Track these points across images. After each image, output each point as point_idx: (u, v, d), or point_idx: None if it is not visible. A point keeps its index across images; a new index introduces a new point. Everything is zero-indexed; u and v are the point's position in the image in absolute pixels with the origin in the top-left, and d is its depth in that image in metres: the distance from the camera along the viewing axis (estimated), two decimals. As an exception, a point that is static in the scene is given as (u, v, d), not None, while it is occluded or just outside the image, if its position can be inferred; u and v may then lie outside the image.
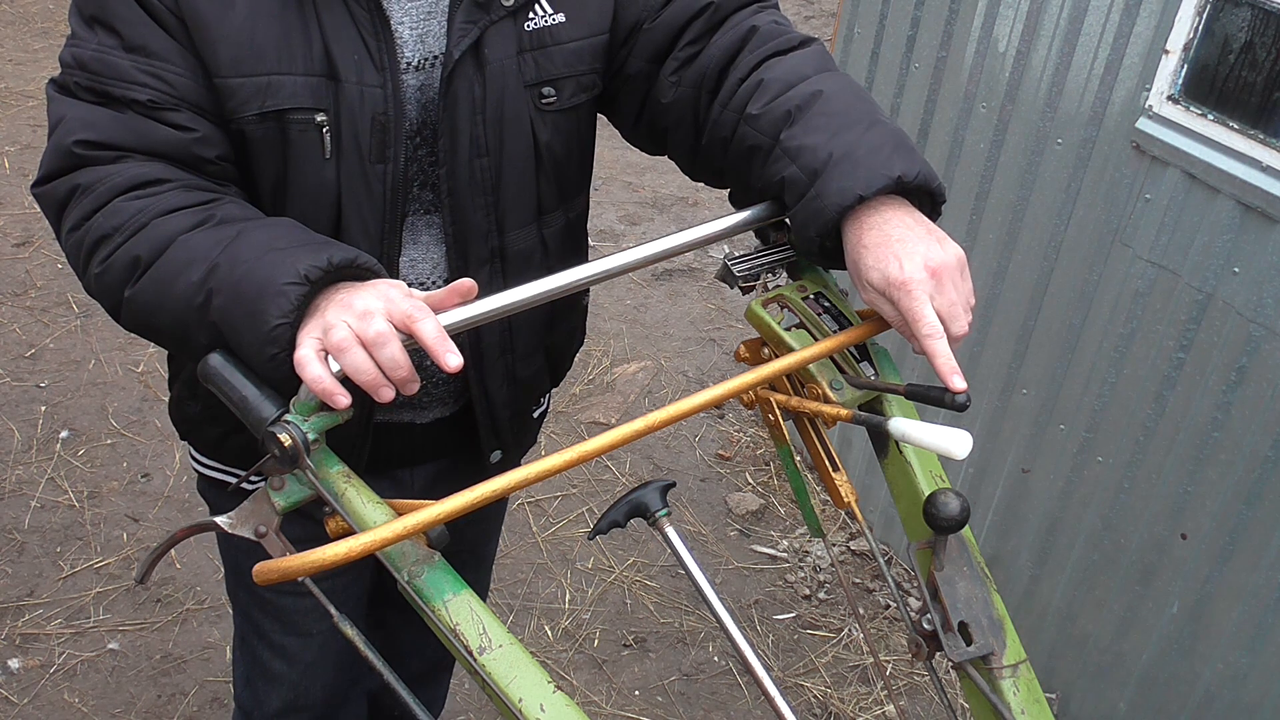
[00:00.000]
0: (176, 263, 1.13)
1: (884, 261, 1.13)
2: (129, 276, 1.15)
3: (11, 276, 3.93)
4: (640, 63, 1.37)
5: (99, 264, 1.17)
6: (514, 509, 3.20)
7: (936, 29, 2.64)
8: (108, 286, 1.17)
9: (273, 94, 1.21)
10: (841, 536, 3.21)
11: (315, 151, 1.24)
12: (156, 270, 1.14)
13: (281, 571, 1.00)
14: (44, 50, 5.59)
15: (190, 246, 1.13)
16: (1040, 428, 2.58)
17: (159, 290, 1.14)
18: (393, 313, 1.05)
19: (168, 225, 1.15)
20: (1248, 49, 2.08)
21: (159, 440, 3.28)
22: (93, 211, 1.17)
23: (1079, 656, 2.60)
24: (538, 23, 1.31)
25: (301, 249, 1.10)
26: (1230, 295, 2.12)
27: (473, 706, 2.64)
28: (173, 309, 1.13)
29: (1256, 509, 2.15)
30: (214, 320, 1.11)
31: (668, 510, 1.16)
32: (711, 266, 4.46)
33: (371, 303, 1.06)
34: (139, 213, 1.16)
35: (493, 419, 1.53)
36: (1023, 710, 1.12)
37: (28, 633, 2.67)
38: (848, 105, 1.23)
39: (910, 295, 1.12)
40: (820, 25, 7.06)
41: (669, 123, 1.38)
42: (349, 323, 1.05)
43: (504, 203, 1.35)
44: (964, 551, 1.16)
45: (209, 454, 1.55)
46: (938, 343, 1.12)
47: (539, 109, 1.34)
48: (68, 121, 1.20)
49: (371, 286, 1.09)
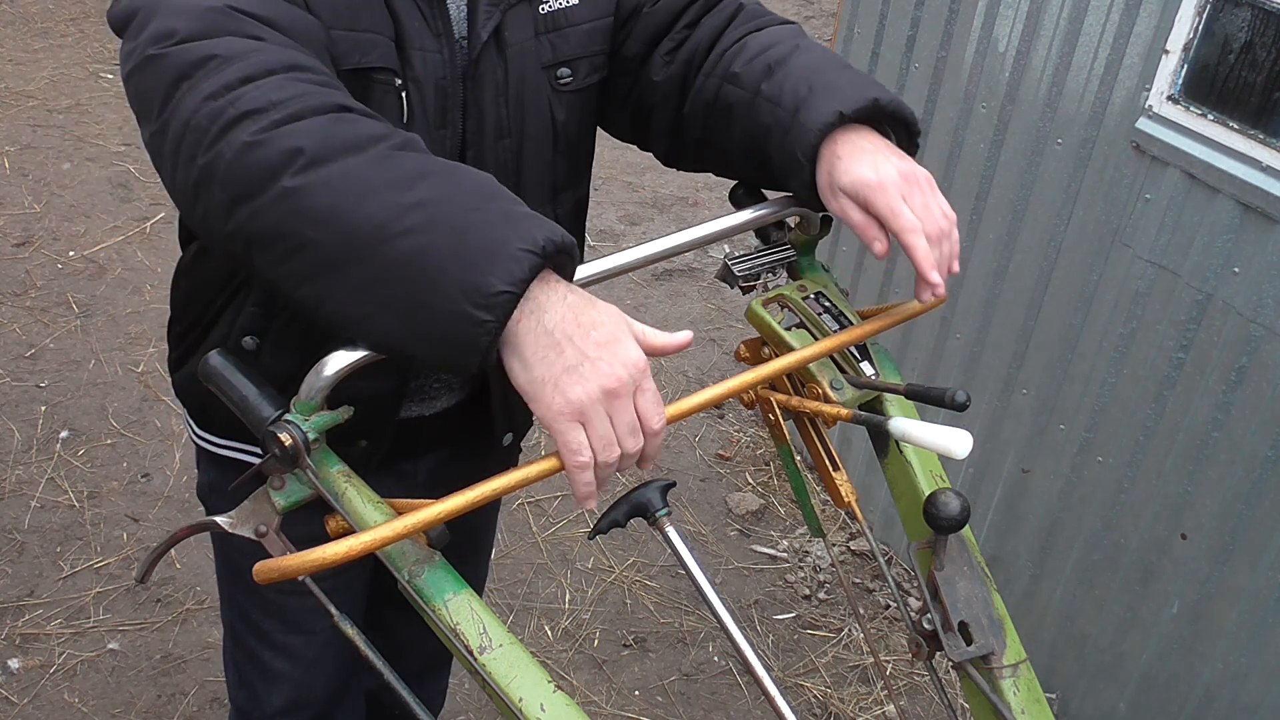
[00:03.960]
0: (374, 173, 0.95)
1: (857, 165, 1.16)
2: (290, 163, 0.95)
3: (11, 276, 3.93)
4: (638, 45, 1.41)
5: (251, 134, 0.95)
6: (514, 509, 3.19)
7: (936, 29, 2.64)
8: (254, 165, 0.95)
9: (368, 51, 1.20)
10: (841, 536, 3.21)
11: (394, 114, 1.24)
12: (339, 171, 0.95)
13: (281, 570, 1.00)
14: (44, 50, 5.59)
15: (393, 161, 0.96)
16: (1040, 428, 2.58)
17: (338, 198, 0.94)
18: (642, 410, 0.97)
19: (352, 124, 0.98)
20: (1248, 49, 2.08)
21: (159, 440, 3.28)
22: (240, 81, 0.98)
23: (1079, 656, 2.60)
24: (552, 5, 1.34)
25: (530, 216, 0.97)
26: (1230, 295, 2.12)
27: (473, 706, 2.64)
28: (351, 226, 0.93)
29: (1256, 509, 2.15)
30: (404, 255, 0.93)
31: (668, 510, 1.16)
32: (711, 266, 4.46)
33: (622, 384, 0.94)
34: (308, 94, 0.98)
35: (507, 402, 1.55)
36: (1023, 710, 1.12)
37: (28, 633, 2.67)
38: (824, 56, 1.29)
39: (885, 192, 1.15)
40: (820, 25, 7.06)
41: (656, 99, 1.42)
42: (611, 417, 0.95)
43: (525, 183, 1.37)
44: (964, 551, 1.16)
45: (223, 432, 1.53)
46: (916, 237, 1.15)
47: (556, 90, 1.37)
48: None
49: (614, 336, 0.96)
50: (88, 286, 3.91)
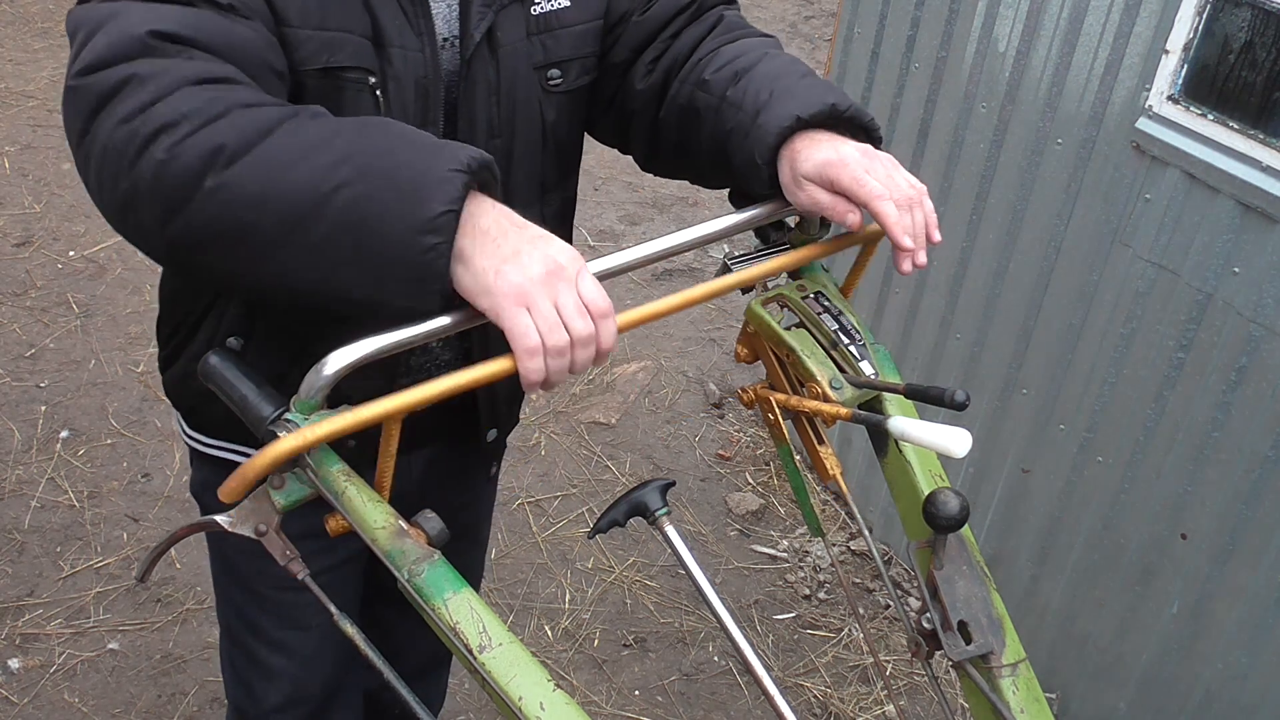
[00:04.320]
0: (290, 149, 1.00)
1: (816, 151, 1.19)
2: (209, 165, 0.99)
3: (11, 276, 3.93)
4: (624, 51, 1.43)
5: (165, 151, 0.99)
6: (514, 509, 3.20)
7: (936, 29, 2.64)
8: (175, 176, 0.99)
9: (337, 50, 1.20)
10: (841, 536, 3.21)
11: (369, 113, 1.24)
12: (258, 157, 0.99)
13: (241, 477, 1.00)
14: (44, 50, 5.59)
15: (303, 135, 1.01)
16: (1040, 428, 2.58)
17: (266, 178, 0.99)
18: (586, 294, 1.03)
19: (257, 114, 1.02)
20: (1248, 49, 2.08)
21: (159, 440, 3.28)
22: (152, 101, 1.01)
23: (1079, 656, 2.60)
24: (544, 7, 1.35)
25: (441, 143, 1.03)
26: (1230, 295, 2.12)
27: (472, 706, 2.64)
28: (287, 199, 0.99)
29: (1256, 509, 2.15)
30: (346, 209, 0.98)
31: (668, 510, 1.17)
32: (711, 266, 4.46)
33: (561, 266, 1.01)
34: (212, 101, 1.01)
35: (493, 403, 1.58)
36: (1022, 709, 1.12)
37: (28, 633, 2.67)
38: (789, 64, 1.32)
39: (847, 167, 1.17)
40: (820, 25, 7.06)
41: (636, 106, 1.44)
42: (555, 300, 1.01)
43: (514, 182, 1.39)
44: (964, 551, 1.16)
45: (213, 432, 1.53)
46: (884, 203, 1.16)
47: (546, 90, 1.38)
48: (129, 13, 1.05)
49: (545, 234, 1.04)
50: (88, 286, 3.92)
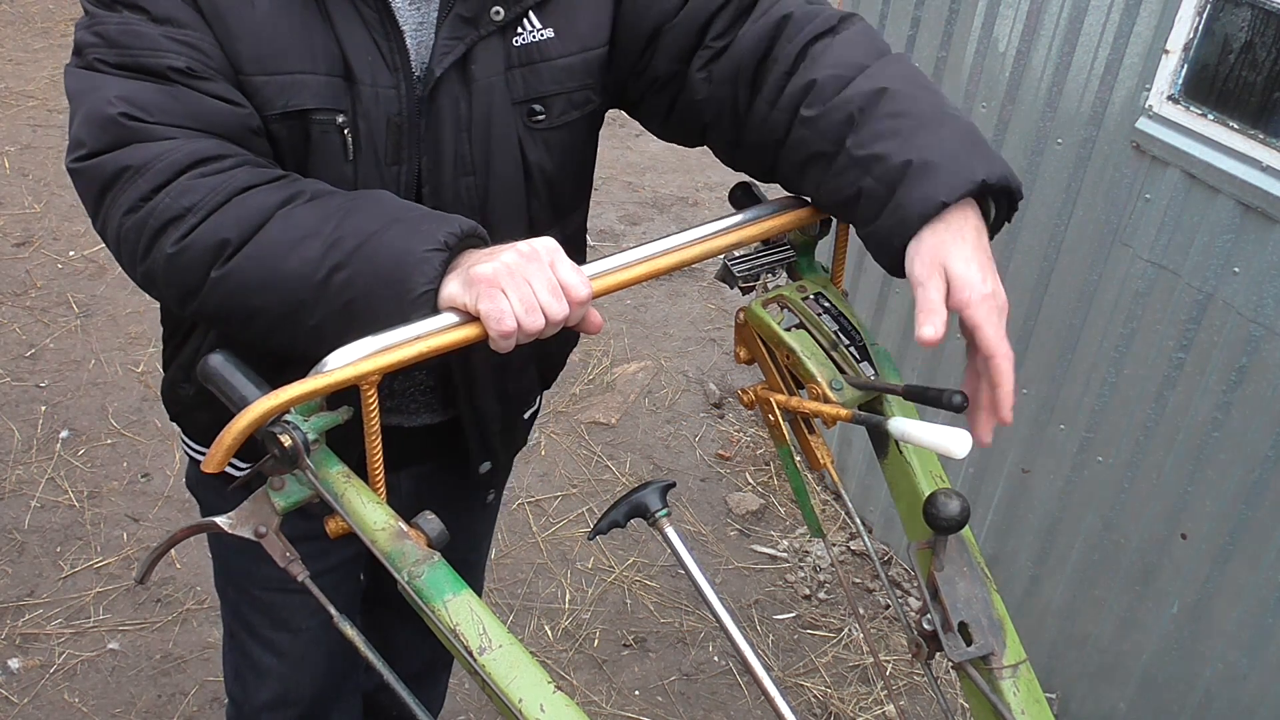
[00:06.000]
0: (284, 239, 1.08)
1: (963, 259, 1.09)
2: (215, 257, 1.09)
3: (11, 276, 3.93)
4: (666, 64, 1.31)
5: (173, 245, 1.09)
6: (514, 509, 3.20)
7: (936, 29, 2.64)
8: (184, 268, 1.10)
9: (296, 93, 1.19)
10: (841, 536, 3.21)
11: (336, 153, 1.23)
12: (256, 248, 1.08)
13: (220, 443, 1.01)
14: (44, 50, 5.59)
15: (296, 222, 1.09)
16: (1040, 428, 2.58)
17: (264, 268, 1.08)
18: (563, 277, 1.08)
19: (255, 201, 1.10)
20: (1248, 49, 2.08)
21: (159, 440, 3.28)
22: (153, 191, 1.09)
23: (1079, 656, 2.60)
24: (526, 39, 1.27)
25: (425, 219, 1.10)
26: (1230, 295, 2.12)
27: (473, 706, 2.64)
28: (285, 286, 1.08)
29: (1256, 509, 2.15)
30: (338, 293, 1.07)
31: (668, 510, 1.17)
32: (711, 266, 4.45)
33: (535, 251, 1.08)
34: (212, 190, 1.09)
35: (482, 433, 1.52)
36: (1022, 710, 1.12)
37: (28, 633, 2.67)
38: (913, 100, 1.15)
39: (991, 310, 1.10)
40: (820, 25, 7.06)
41: (707, 119, 1.32)
42: (530, 281, 1.06)
43: (493, 222, 1.30)
44: (964, 551, 1.16)
45: (201, 439, 1.53)
46: (1009, 365, 1.10)
47: (528, 127, 1.31)
48: (104, 92, 1.11)
49: (524, 241, 1.10)
50: (88, 286, 3.92)
